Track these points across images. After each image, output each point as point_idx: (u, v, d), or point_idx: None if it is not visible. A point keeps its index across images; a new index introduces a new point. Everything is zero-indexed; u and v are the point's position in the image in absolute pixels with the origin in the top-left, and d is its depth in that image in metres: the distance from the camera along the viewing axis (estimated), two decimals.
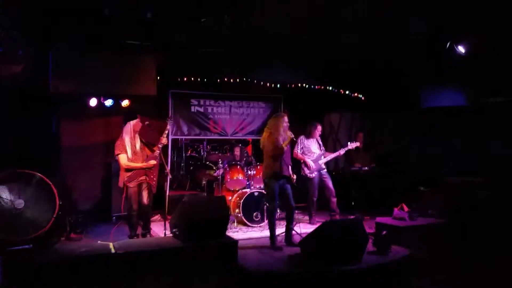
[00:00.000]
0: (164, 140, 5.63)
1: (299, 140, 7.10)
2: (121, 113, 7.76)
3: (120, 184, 5.55)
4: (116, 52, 5.53)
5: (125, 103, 7.60)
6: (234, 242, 4.66)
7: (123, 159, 5.42)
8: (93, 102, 7.25)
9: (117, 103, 7.41)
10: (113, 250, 4.30)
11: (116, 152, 5.45)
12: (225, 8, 4.57)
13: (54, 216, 4.60)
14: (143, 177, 5.52)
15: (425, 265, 4.92)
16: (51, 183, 4.67)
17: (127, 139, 5.47)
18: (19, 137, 5.70)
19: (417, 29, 5.68)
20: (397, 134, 8.37)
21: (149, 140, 5.84)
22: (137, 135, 5.59)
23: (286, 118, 5.47)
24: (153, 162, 5.56)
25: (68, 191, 7.58)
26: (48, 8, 4.14)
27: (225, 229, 4.84)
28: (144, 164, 5.51)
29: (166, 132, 5.72)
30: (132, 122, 5.56)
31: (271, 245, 5.42)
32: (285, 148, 5.36)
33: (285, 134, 5.39)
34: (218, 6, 4.56)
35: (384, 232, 5.05)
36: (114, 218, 7.36)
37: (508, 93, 6.68)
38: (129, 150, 5.44)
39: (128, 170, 5.45)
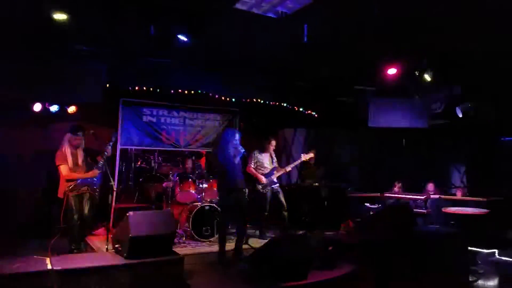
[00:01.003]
0: (108, 151, 5.51)
1: (253, 155, 7.12)
2: (67, 119, 7.45)
3: (60, 194, 5.33)
4: (61, 57, 5.29)
5: (71, 109, 7.26)
6: (180, 258, 4.54)
7: (64, 169, 5.27)
8: (37, 107, 6.87)
9: (63, 109, 7.08)
10: (49, 266, 4.04)
11: (57, 162, 5.29)
12: (178, 22, 4.52)
13: None
14: (85, 188, 5.36)
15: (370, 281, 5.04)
16: None
17: (68, 150, 5.32)
18: None
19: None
20: (347, 151, 8.65)
21: (95, 148, 5.65)
22: (78, 150, 5.45)
23: (236, 135, 5.52)
24: (95, 172, 5.43)
25: (4, 202, 7.10)
26: None
27: (171, 245, 4.71)
28: (86, 174, 5.38)
29: (111, 143, 5.62)
30: (68, 135, 5.39)
31: (219, 260, 5.34)
32: (237, 162, 5.39)
33: (232, 150, 5.41)
34: (170, 19, 4.50)
35: (330, 248, 5.13)
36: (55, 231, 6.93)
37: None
38: (70, 161, 5.30)
39: (69, 180, 5.27)
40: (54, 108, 7.00)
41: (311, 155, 7.19)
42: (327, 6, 4.50)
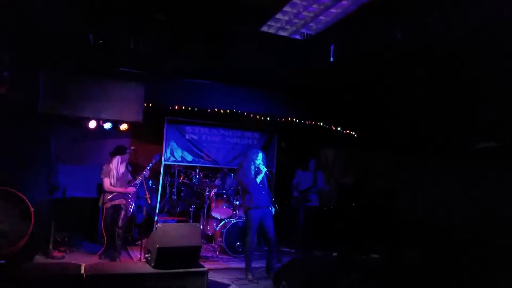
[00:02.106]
0: (146, 173, 6.13)
1: (296, 173, 7.41)
2: (119, 136, 8.05)
3: (100, 203, 5.98)
4: (107, 78, 5.81)
5: (123, 127, 7.86)
6: (204, 271, 4.68)
7: (106, 182, 5.91)
8: (92, 124, 7.52)
9: (115, 126, 7.70)
10: (83, 271, 4.37)
11: (102, 176, 5.97)
12: (205, 44, 4.80)
13: (28, 233, 4.72)
14: (120, 200, 5.92)
15: None
16: (28, 202, 4.83)
17: (113, 166, 5.97)
18: (12, 155, 5.92)
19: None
20: (391, 173, 8.36)
21: (134, 162, 6.25)
22: (123, 164, 6.08)
23: (260, 153, 5.63)
24: (132, 189, 6.02)
25: (62, 209, 7.76)
26: (40, 34, 4.44)
27: (197, 257, 4.87)
28: (123, 189, 5.95)
29: (150, 164, 6.25)
30: (121, 157, 6.05)
31: (245, 276, 5.41)
32: (259, 181, 5.49)
33: (257, 169, 5.52)
34: (198, 42, 4.79)
35: (360, 272, 5.00)
36: (101, 239, 7.43)
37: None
38: (113, 177, 5.93)
39: (108, 192, 5.86)
40: (107, 125, 7.62)
41: (349, 179, 7.17)
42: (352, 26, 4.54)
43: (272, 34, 4.81)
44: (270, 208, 5.61)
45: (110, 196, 5.86)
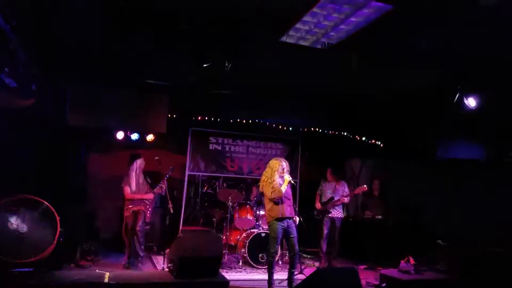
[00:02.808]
0: (163, 187, 6.19)
1: (320, 183, 7.41)
2: (146, 147, 8.22)
3: (124, 211, 6.15)
4: (132, 89, 5.96)
5: (150, 137, 8.04)
6: (225, 282, 4.67)
7: (126, 191, 6.09)
8: (120, 135, 7.73)
9: (142, 137, 7.87)
10: (106, 280, 4.45)
11: (122, 184, 6.15)
12: (226, 54, 4.85)
13: (54, 242, 4.85)
14: (139, 207, 6.09)
15: None
16: (54, 212, 4.98)
17: (132, 174, 6.15)
18: (41, 165, 6.14)
19: (431, 78, 5.65)
20: (415, 185, 8.13)
21: (159, 172, 6.40)
22: (141, 172, 6.26)
23: (283, 163, 5.54)
24: (150, 195, 6.20)
25: (91, 219, 7.97)
26: (67, 47, 4.62)
27: (218, 267, 4.87)
28: (143, 195, 6.13)
29: (167, 176, 6.30)
30: (138, 161, 6.25)
31: None
32: (283, 190, 5.37)
33: (281, 178, 5.44)
34: (220, 52, 4.84)
35: (384, 285, 4.86)
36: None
37: None
38: (133, 184, 6.09)
39: (129, 199, 6.07)
40: (134, 136, 7.82)
41: (365, 188, 7.00)
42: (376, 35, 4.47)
43: (293, 44, 4.79)
44: (294, 219, 5.50)
45: (130, 203, 6.03)
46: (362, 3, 3.90)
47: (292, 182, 5.47)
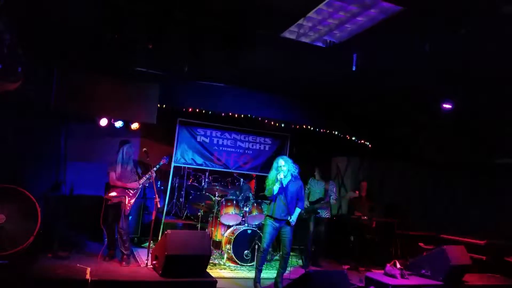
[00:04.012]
0: (153, 174, 5.88)
1: (309, 181, 7.26)
2: (130, 135, 7.94)
3: (105, 195, 5.81)
4: (121, 77, 5.69)
5: (134, 126, 7.75)
6: (213, 282, 4.54)
7: (112, 176, 5.72)
8: (103, 122, 7.41)
9: (127, 125, 7.59)
10: (88, 276, 4.25)
11: (108, 169, 5.78)
12: (223, 46, 4.67)
13: (34, 235, 4.59)
14: (121, 198, 5.72)
15: None
16: (36, 202, 4.70)
17: (119, 159, 5.75)
18: (21, 152, 5.82)
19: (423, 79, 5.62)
20: (404, 185, 8.18)
21: (146, 162, 6.05)
22: (130, 159, 5.85)
23: (281, 161, 5.41)
24: (134, 185, 5.81)
25: (69, 207, 7.67)
26: (56, 31, 4.33)
27: (206, 266, 4.72)
28: (127, 184, 5.74)
29: (157, 166, 6.07)
30: (125, 147, 5.84)
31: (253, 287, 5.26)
32: (274, 190, 5.25)
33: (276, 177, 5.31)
34: (216, 44, 4.66)
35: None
36: (106, 240, 7.32)
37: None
38: (118, 170, 5.70)
39: (112, 186, 5.70)
40: (118, 123, 7.51)
41: (356, 194, 7.01)
42: (378, 37, 4.37)
43: (293, 40, 4.64)
44: (289, 220, 5.34)
45: (113, 193, 5.67)
46: (370, 3, 3.78)
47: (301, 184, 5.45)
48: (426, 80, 5.34)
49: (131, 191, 5.79)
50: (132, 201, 5.77)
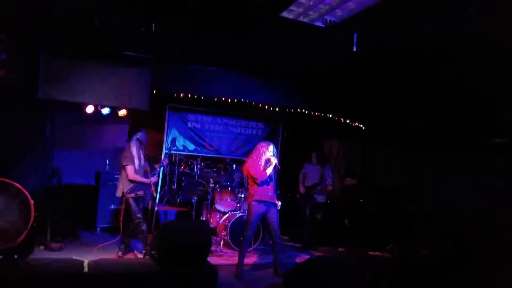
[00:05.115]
0: (165, 162, 5.77)
1: (304, 166, 7.23)
2: (118, 121, 7.71)
3: (119, 194, 5.51)
4: (111, 62, 5.42)
5: (122, 112, 7.50)
6: (214, 271, 4.44)
7: (131, 170, 5.36)
8: (89, 109, 7.13)
9: (114, 111, 7.33)
10: (86, 269, 4.10)
11: (124, 162, 5.39)
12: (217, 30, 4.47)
13: (28, 229, 4.40)
14: (141, 192, 5.50)
15: None
16: (27, 195, 4.48)
17: (134, 151, 5.45)
18: (6, 141, 5.55)
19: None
20: (397, 168, 8.17)
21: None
22: (142, 148, 5.63)
23: (271, 146, 5.37)
24: (155, 179, 5.64)
25: (57, 196, 7.44)
26: (39, 15, 4.05)
27: (206, 255, 4.62)
28: (147, 180, 5.47)
29: (168, 153, 6.16)
30: (139, 134, 5.59)
31: (235, 272, 5.24)
32: (267, 173, 5.26)
33: (263, 162, 5.29)
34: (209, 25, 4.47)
35: (374, 272, 4.81)
36: (99, 229, 7.17)
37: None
38: (136, 162, 5.42)
39: (131, 181, 5.40)
40: (105, 110, 7.24)
41: (354, 181, 6.98)
42: (378, 17, 4.24)
43: (291, 20, 4.47)
44: (275, 203, 5.40)
45: (132, 186, 5.37)
46: None
47: (278, 166, 5.36)
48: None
49: (152, 185, 5.58)
50: (150, 194, 5.61)
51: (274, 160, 5.28)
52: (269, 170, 5.27)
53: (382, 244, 6.10)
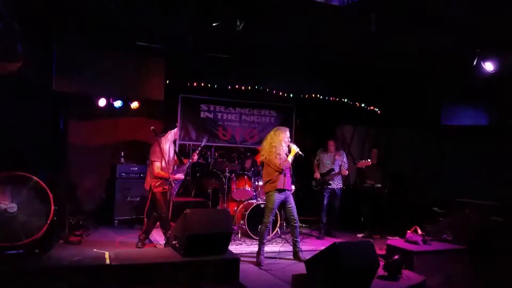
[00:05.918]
0: (194, 158, 5.81)
1: (318, 152, 7.16)
2: (130, 114, 7.66)
3: (147, 186, 5.54)
4: (125, 53, 5.35)
5: (134, 105, 7.46)
6: (236, 259, 4.41)
7: (157, 166, 5.35)
8: (102, 102, 7.12)
9: (126, 104, 7.29)
10: (108, 261, 4.09)
11: (153, 158, 5.38)
12: (237, 13, 4.35)
13: (48, 222, 4.38)
14: (167, 186, 5.43)
15: None
16: (47, 188, 4.46)
17: (166, 148, 5.42)
18: (22, 135, 5.53)
19: (442, 42, 5.38)
20: (413, 151, 8.04)
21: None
22: (172, 144, 5.62)
23: (288, 133, 5.35)
24: (180, 176, 5.65)
25: (73, 190, 7.46)
26: (54, 6, 3.98)
27: (228, 244, 4.59)
28: (174, 176, 5.49)
29: (199, 148, 6.03)
30: (174, 131, 5.62)
31: (256, 260, 5.21)
32: (290, 161, 5.22)
33: (286, 149, 5.25)
34: (231, 11, 4.35)
35: (397, 257, 4.74)
36: (116, 221, 7.18)
37: None
38: (166, 158, 5.36)
39: (157, 177, 5.40)
40: (118, 103, 7.20)
41: (369, 162, 6.84)
42: None
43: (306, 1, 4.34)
44: (291, 190, 5.42)
45: (159, 181, 5.37)
46: None
47: (300, 153, 5.24)
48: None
49: (177, 182, 5.64)
50: (176, 190, 5.62)
51: (296, 149, 5.22)
52: (290, 158, 5.23)
53: (401, 228, 6.01)
